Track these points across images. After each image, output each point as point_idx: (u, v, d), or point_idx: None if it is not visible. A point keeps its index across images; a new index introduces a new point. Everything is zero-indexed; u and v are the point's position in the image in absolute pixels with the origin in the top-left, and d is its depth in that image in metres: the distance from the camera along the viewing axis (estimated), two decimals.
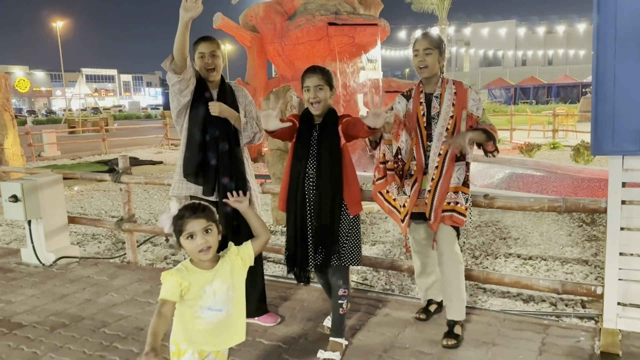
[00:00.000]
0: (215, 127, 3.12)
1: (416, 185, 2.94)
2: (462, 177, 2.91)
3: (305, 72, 2.85)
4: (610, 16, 2.70)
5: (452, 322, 2.94)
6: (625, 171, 2.82)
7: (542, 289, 3.23)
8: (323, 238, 2.75)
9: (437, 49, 2.92)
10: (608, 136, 2.78)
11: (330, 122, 2.83)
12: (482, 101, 2.99)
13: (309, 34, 10.57)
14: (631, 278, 2.88)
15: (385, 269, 4.01)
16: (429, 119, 2.95)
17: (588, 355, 2.73)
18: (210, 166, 3.11)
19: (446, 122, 2.91)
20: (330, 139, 2.79)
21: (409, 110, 3.03)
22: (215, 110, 3.09)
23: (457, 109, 2.90)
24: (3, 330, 3.31)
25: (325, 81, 2.80)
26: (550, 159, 11.96)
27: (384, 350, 2.85)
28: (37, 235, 4.64)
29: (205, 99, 3.13)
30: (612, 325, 2.90)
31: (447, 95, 2.93)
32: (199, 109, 3.12)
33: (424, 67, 2.91)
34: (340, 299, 2.79)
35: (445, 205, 2.87)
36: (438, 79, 2.99)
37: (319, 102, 2.78)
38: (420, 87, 3.04)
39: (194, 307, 1.95)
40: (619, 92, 2.73)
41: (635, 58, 2.68)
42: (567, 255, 4.91)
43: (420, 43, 2.93)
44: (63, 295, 3.90)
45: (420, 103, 2.99)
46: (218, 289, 1.97)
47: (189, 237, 1.91)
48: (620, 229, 2.86)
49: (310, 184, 2.79)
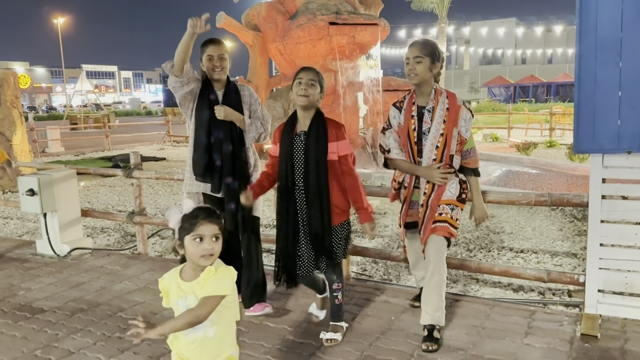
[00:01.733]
0: (220, 129, 3.24)
1: (407, 198, 3.04)
2: (456, 191, 2.92)
3: (300, 70, 2.89)
4: (591, 26, 2.93)
5: (431, 326, 2.89)
6: (605, 168, 3.06)
7: (529, 278, 3.47)
8: (318, 251, 2.86)
9: (428, 57, 2.86)
10: (589, 136, 3.02)
11: (317, 131, 2.83)
12: (472, 120, 2.98)
13: (310, 33, 10.76)
14: (611, 267, 3.12)
15: (383, 260, 4.24)
16: (419, 134, 2.93)
17: (570, 337, 2.96)
18: (215, 167, 3.26)
19: (436, 139, 2.89)
20: (317, 151, 2.80)
21: (400, 124, 3.00)
22: (220, 114, 3.20)
23: (448, 127, 2.88)
24: (26, 315, 3.55)
25: (318, 81, 2.85)
26: (546, 157, 12.20)
27: (381, 333, 3.08)
28: (52, 228, 4.87)
29: (210, 101, 3.25)
30: (593, 311, 3.14)
31: (439, 111, 2.89)
32: (203, 112, 3.25)
33: (415, 74, 2.88)
34: (335, 292, 2.96)
35: (437, 216, 2.87)
36: (431, 90, 2.93)
37: (307, 97, 2.80)
38: (413, 98, 2.99)
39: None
40: (599, 95, 2.96)
41: (613, 64, 2.91)
42: (557, 248, 5.14)
43: (411, 51, 2.89)
44: (79, 284, 4.13)
45: (412, 116, 2.95)
46: (191, 305, 1.83)
47: (197, 239, 1.81)
48: (601, 221, 3.10)
49: (300, 196, 2.86)
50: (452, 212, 2.89)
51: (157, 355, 2.89)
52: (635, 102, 2.91)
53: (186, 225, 1.83)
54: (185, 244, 1.83)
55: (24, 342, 3.14)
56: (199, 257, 1.81)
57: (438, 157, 2.89)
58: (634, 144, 2.93)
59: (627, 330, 3.01)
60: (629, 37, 2.89)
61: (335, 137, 2.83)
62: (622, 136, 2.96)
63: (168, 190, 9.15)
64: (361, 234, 5.77)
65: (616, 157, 3.02)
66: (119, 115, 42.48)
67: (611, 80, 2.93)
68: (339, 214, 2.88)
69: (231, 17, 11.58)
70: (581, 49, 2.97)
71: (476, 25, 64.56)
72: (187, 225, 1.82)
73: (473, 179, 3.01)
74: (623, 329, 3.03)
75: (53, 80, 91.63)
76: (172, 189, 9.31)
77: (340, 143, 2.84)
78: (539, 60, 60.15)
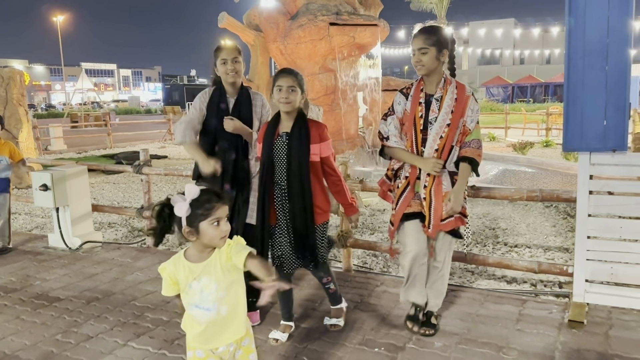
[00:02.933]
0: (225, 140, 3.21)
1: (409, 188, 2.92)
2: (449, 182, 2.88)
3: (279, 72, 2.86)
4: (580, 31, 3.13)
5: (431, 313, 3.08)
6: (592, 165, 3.26)
7: (521, 269, 3.67)
8: (303, 249, 2.90)
9: (433, 47, 2.77)
10: (577, 135, 3.21)
11: (299, 132, 2.84)
12: (479, 112, 2.91)
13: (310, 34, 10.93)
14: (597, 258, 3.31)
15: (382, 253, 4.43)
16: (425, 122, 2.85)
17: (558, 323, 3.16)
18: (215, 175, 3.19)
19: (442, 129, 2.81)
20: (299, 153, 2.82)
21: (407, 111, 2.91)
22: (229, 127, 3.15)
23: (455, 118, 2.81)
24: (44, 303, 3.73)
25: (298, 84, 2.81)
26: (542, 156, 12.40)
27: (381, 319, 3.28)
28: (64, 222, 5.06)
29: (220, 110, 3.23)
30: (581, 299, 3.33)
31: (448, 100, 2.82)
32: (211, 120, 3.24)
33: (421, 65, 2.81)
34: (326, 285, 3.12)
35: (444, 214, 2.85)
36: (440, 78, 2.86)
37: (289, 103, 2.80)
38: (421, 85, 2.90)
39: (185, 303, 1.94)
40: (587, 97, 3.15)
41: (600, 68, 3.11)
42: (550, 243, 5.34)
43: (415, 42, 2.82)
44: (92, 275, 4.32)
45: (420, 103, 2.87)
46: (206, 286, 1.88)
47: (215, 222, 1.83)
48: (588, 215, 3.29)
49: (282, 195, 2.89)
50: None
51: (172, 339, 3.09)
52: (620, 104, 3.10)
53: (201, 211, 1.82)
54: (203, 229, 1.83)
55: (44, 327, 3.33)
56: (219, 239, 1.85)
57: (440, 147, 2.82)
58: (618, 143, 3.13)
59: (612, 317, 3.21)
60: (615, 42, 3.08)
61: (317, 139, 2.85)
62: (607, 136, 3.15)
63: (172, 188, 9.34)
64: (361, 229, 5.96)
65: (602, 155, 3.21)
66: (119, 114, 42.62)
67: (598, 82, 3.12)
68: (320, 214, 2.93)
69: (233, 18, 11.77)
70: (570, 54, 3.16)
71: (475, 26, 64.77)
72: (203, 211, 1.82)
73: (463, 166, 2.85)
74: (608, 316, 3.23)
75: (52, 78, 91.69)
76: (175, 186, 9.50)
77: (322, 144, 2.87)
78: (537, 61, 60.39)
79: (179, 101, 47.57)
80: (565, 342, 2.93)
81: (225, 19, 11.62)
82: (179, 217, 1.83)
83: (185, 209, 1.80)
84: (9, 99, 9.53)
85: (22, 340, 3.15)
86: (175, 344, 3.02)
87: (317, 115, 7.40)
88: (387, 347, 2.93)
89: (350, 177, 4.16)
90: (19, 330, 3.29)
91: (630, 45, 3.09)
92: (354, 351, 2.88)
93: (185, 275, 1.88)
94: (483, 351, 2.85)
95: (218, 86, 3.31)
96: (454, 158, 2.86)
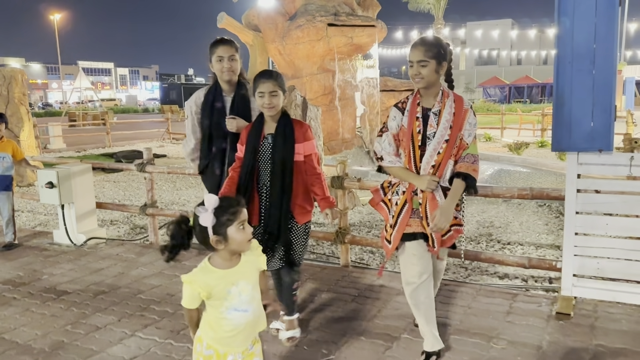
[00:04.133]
0: (222, 140, 3.18)
1: (407, 206, 2.74)
2: (441, 197, 2.72)
3: (258, 76, 2.80)
4: (568, 36, 3.28)
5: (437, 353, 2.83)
6: (580, 165, 3.41)
7: (512, 264, 3.82)
8: (272, 249, 2.89)
9: (433, 60, 2.63)
10: (566, 136, 3.36)
11: (284, 132, 2.84)
12: (477, 126, 2.80)
13: (309, 34, 11.06)
14: (584, 254, 3.47)
15: (379, 249, 4.58)
16: (424, 137, 2.71)
17: (546, 315, 3.31)
18: (215, 175, 3.26)
19: (439, 145, 2.68)
20: (284, 153, 2.82)
21: (403, 126, 2.77)
22: (232, 126, 3.10)
23: (453, 132, 2.69)
24: (52, 296, 3.87)
25: (279, 87, 2.79)
26: (537, 156, 12.57)
27: (378, 311, 3.43)
28: (69, 218, 5.18)
29: (215, 110, 3.17)
30: (568, 293, 3.49)
31: (446, 115, 2.69)
32: (207, 120, 3.20)
33: (420, 78, 2.67)
34: (293, 291, 3.06)
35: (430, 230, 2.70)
36: (438, 91, 2.73)
37: (273, 108, 2.79)
38: (418, 99, 2.77)
39: (219, 309, 1.91)
40: (575, 99, 3.31)
41: (587, 71, 3.26)
42: (542, 241, 5.50)
43: (414, 54, 2.66)
44: (98, 269, 4.45)
45: (417, 118, 2.73)
46: (243, 289, 1.92)
47: (241, 226, 1.86)
48: (576, 212, 3.45)
49: (265, 195, 2.90)
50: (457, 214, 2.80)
51: (178, 329, 3.23)
52: (606, 106, 3.25)
53: (226, 217, 1.83)
54: (231, 235, 1.84)
55: (54, 319, 3.46)
56: (246, 242, 1.89)
57: (437, 163, 2.69)
58: (604, 143, 3.28)
59: (597, 310, 3.36)
60: (602, 47, 3.23)
61: (301, 138, 2.86)
62: (594, 136, 3.30)
63: (171, 186, 9.48)
64: (359, 226, 6.11)
65: (590, 155, 3.36)
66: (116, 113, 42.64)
67: (585, 86, 3.27)
68: (303, 214, 2.93)
69: (232, 18, 11.90)
70: (559, 58, 3.32)
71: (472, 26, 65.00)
72: (229, 216, 1.84)
73: (457, 182, 2.70)
74: (594, 309, 3.38)
75: (49, 77, 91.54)
76: (175, 184, 9.64)
77: (306, 144, 2.88)
78: (534, 62, 60.68)
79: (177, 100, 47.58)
80: (552, 332, 3.07)
81: (225, 19, 11.76)
82: (201, 229, 1.84)
83: (210, 219, 1.82)
84: (11, 98, 9.65)
85: (34, 331, 3.28)
86: (181, 334, 3.16)
87: (316, 115, 7.54)
88: (384, 337, 3.07)
89: (348, 176, 4.31)
90: (29, 322, 3.42)
91: (616, 50, 3.24)
92: (353, 341, 3.03)
93: (222, 283, 1.88)
94: (474, 341, 2.99)
95: (214, 84, 3.22)
96: (448, 174, 2.72)
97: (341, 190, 4.30)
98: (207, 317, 1.95)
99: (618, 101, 30.52)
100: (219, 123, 3.17)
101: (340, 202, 4.36)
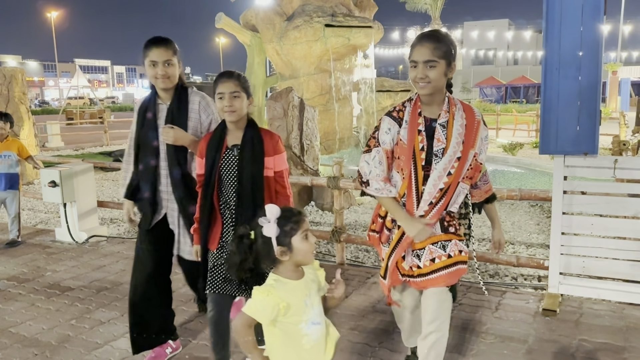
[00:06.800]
0: (151, 156, 2.73)
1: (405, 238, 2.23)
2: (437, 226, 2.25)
3: (218, 77, 2.46)
4: (555, 44, 3.41)
5: None
6: (566, 167, 3.55)
7: (501, 262, 3.96)
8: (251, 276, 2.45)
9: (443, 60, 2.13)
10: (553, 139, 3.50)
11: (252, 144, 2.45)
12: (488, 139, 2.36)
13: (306, 35, 11.19)
14: (570, 253, 3.61)
15: (374, 248, 4.71)
16: (429, 155, 2.18)
17: (533, 311, 3.45)
18: (144, 199, 2.79)
19: (450, 164, 2.16)
20: (253, 168, 2.44)
21: (402, 141, 2.23)
22: (168, 137, 2.63)
23: (465, 149, 2.18)
24: (56, 292, 3.99)
25: (241, 88, 2.42)
26: (531, 157, 12.73)
27: (371, 308, 3.56)
28: (71, 216, 5.30)
29: (146, 120, 2.74)
30: (555, 291, 3.63)
31: (457, 127, 2.18)
32: (137, 132, 2.78)
33: (426, 83, 2.15)
34: None
35: (439, 262, 2.23)
36: (443, 98, 2.22)
37: (235, 112, 2.41)
38: (419, 108, 2.23)
39: (299, 325, 1.77)
40: (562, 104, 3.44)
41: (573, 78, 3.40)
42: (533, 240, 5.64)
43: (419, 52, 2.14)
44: (100, 266, 4.57)
45: (419, 132, 2.20)
46: (315, 300, 1.83)
47: (304, 235, 1.77)
48: (562, 213, 3.59)
49: (230, 216, 2.49)
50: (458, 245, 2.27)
51: (181, 322, 3.35)
52: (591, 111, 3.39)
53: (289, 226, 1.75)
54: (296, 245, 1.76)
55: (59, 314, 3.59)
56: (311, 253, 1.80)
57: (446, 186, 2.18)
58: (590, 147, 3.42)
59: (582, 306, 3.51)
60: (587, 55, 3.37)
61: (272, 151, 2.49)
62: (580, 140, 3.44)
63: None
64: (354, 225, 6.24)
65: (575, 158, 3.50)
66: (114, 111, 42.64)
67: (572, 91, 3.41)
68: None
69: (230, 18, 12.02)
70: (547, 64, 3.45)
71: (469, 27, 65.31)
72: (292, 225, 1.76)
73: (491, 206, 2.59)
74: (580, 305, 3.52)
75: (45, 74, 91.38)
76: None
77: (276, 157, 2.50)
78: (530, 62, 60.95)
79: None
80: (538, 328, 3.21)
81: (222, 19, 11.87)
82: (264, 241, 1.75)
83: (274, 229, 1.74)
84: (11, 97, 9.74)
85: (40, 325, 3.41)
86: (183, 327, 3.29)
87: (313, 116, 7.67)
88: (376, 331, 3.21)
89: (344, 176, 4.44)
90: (35, 316, 3.55)
91: (601, 57, 3.38)
92: (346, 334, 3.16)
93: (298, 294, 1.79)
94: (464, 336, 3.13)
95: (152, 90, 2.78)
96: (459, 199, 2.27)
97: (337, 190, 4.44)
98: (281, 341, 1.78)
99: (613, 102, 30.81)
100: (147, 136, 2.72)
101: (336, 201, 4.50)
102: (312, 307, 1.80)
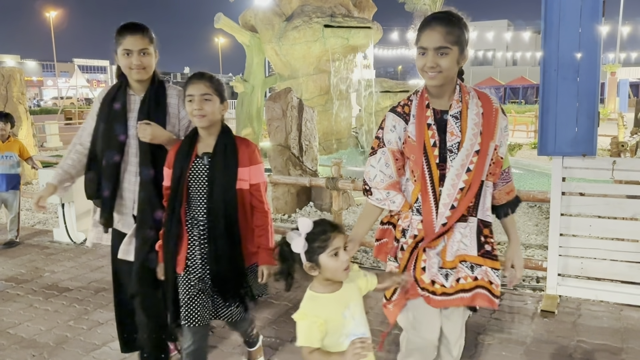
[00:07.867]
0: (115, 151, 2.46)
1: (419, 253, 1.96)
2: (473, 242, 1.99)
3: (189, 78, 2.26)
4: (554, 45, 3.42)
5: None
6: (565, 168, 3.55)
7: None
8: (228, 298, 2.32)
9: (456, 46, 1.86)
10: (551, 140, 3.51)
11: (224, 152, 2.25)
12: (508, 129, 2.04)
13: (305, 35, 11.20)
14: (569, 254, 3.62)
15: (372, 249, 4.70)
16: (443, 151, 1.92)
17: (531, 312, 3.45)
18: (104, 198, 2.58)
19: (469, 159, 1.90)
20: (225, 179, 2.23)
21: (410, 139, 1.96)
22: (145, 135, 2.36)
23: (485, 141, 1.91)
24: (54, 293, 3.98)
25: (214, 90, 2.21)
26: (530, 158, 12.74)
27: (370, 308, 3.56)
28: (69, 217, 5.29)
29: (113, 112, 2.46)
30: (553, 292, 3.64)
31: (473, 117, 1.92)
32: (102, 124, 2.48)
33: (437, 72, 1.87)
34: (250, 338, 2.72)
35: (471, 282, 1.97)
36: (454, 87, 1.96)
37: (205, 116, 2.19)
38: (426, 99, 1.96)
39: (339, 340, 1.71)
40: (560, 106, 3.45)
41: (572, 79, 3.40)
42: (532, 241, 5.64)
43: (430, 37, 1.85)
44: (98, 267, 4.57)
45: (429, 126, 1.93)
46: (355, 311, 1.77)
47: (334, 253, 1.68)
48: (561, 214, 3.59)
49: (199, 234, 2.27)
50: (491, 276, 2.04)
51: None
52: (590, 113, 3.40)
53: (317, 243, 1.68)
54: (323, 262, 1.69)
55: (57, 314, 3.58)
56: (342, 271, 1.71)
57: (467, 185, 1.90)
58: (588, 148, 3.43)
59: (580, 307, 3.51)
60: (586, 56, 3.37)
61: (247, 161, 2.28)
62: (578, 141, 3.45)
63: None
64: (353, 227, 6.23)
65: (574, 159, 3.51)
66: None
67: (570, 93, 3.42)
68: (252, 254, 2.34)
69: (229, 19, 12.02)
70: (545, 66, 3.46)
71: None
72: (320, 243, 1.68)
73: (509, 218, 2.20)
74: (578, 307, 3.53)
75: (44, 74, 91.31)
76: None
77: (252, 168, 2.29)
78: (529, 63, 61.02)
79: None
80: (536, 329, 3.22)
81: (222, 19, 11.87)
82: (293, 255, 1.72)
83: (302, 245, 1.68)
84: (9, 97, 9.72)
85: (38, 326, 3.40)
86: None
87: (312, 117, 7.67)
88: (374, 332, 3.20)
89: (342, 177, 4.44)
90: (33, 317, 3.54)
91: (599, 59, 3.38)
92: None
93: (333, 306, 1.73)
94: None
95: (120, 81, 2.52)
96: (487, 202, 2.01)
97: (336, 191, 4.43)
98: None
99: (612, 103, 30.83)
100: (113, 128, 2.45)
101: (335, 202, 4.49)
102: (352, 318, 1.74)
